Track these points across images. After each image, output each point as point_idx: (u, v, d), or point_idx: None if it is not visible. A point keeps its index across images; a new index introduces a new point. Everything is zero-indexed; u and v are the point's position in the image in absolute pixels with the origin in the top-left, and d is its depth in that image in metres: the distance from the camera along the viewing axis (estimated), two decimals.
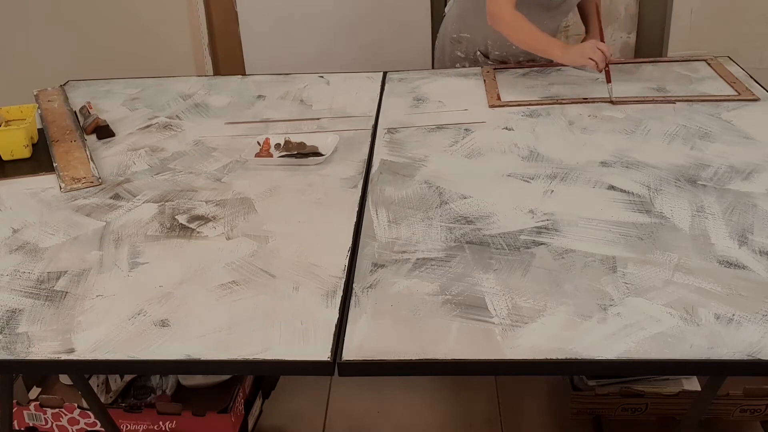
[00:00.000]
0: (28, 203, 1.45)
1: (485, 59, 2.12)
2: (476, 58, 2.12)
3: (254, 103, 1.91)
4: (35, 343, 1.05)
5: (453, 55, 2.15)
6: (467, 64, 2.14)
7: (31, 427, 1.84)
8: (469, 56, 2.13)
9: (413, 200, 1.38)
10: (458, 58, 2.14)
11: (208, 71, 3.25)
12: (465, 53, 2.13)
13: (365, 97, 1.92)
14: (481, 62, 2.12)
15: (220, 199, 1.42)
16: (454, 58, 2.15)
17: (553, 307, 1.06)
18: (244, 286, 1.15)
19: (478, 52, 2.11)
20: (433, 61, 2.28)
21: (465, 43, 2.12)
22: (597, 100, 1.78)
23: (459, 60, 2.15)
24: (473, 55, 2.12)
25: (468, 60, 2.13)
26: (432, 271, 1.16)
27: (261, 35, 3.20)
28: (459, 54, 2.14)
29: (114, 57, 3.12)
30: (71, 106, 1.93)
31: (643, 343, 0.99)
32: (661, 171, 1.44)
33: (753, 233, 1.22)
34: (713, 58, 2.05)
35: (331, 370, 0.99)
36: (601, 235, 1.23)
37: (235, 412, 1.76)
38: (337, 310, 1.08)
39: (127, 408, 1.76)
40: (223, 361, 1.01)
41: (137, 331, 1.06)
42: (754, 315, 1.03)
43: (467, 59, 2.14)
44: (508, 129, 1.67)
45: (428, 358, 0.99)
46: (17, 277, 1.20)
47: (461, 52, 2.13)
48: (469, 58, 2.13)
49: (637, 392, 1.72)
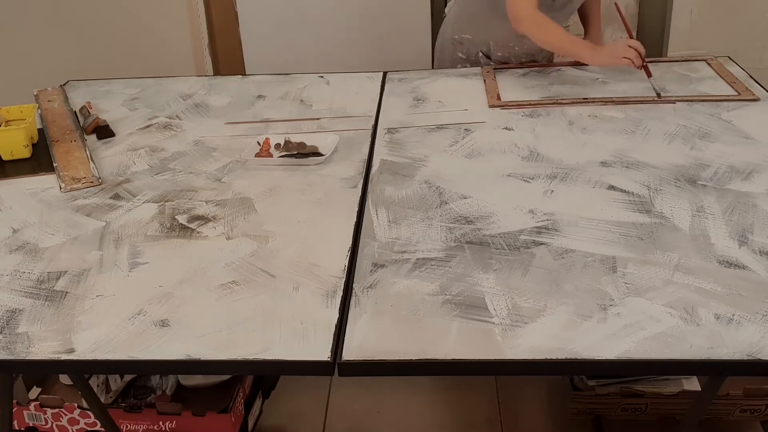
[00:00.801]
0: (28, 203, 1.45)
1: (487, 60, 2.11)
2: (478, 59, 2.11)
3: (254, 103, 1.91)
4: (35, 343, 1.05)
5: (454, 56, 2.14)
6: (469, 65, 2.12)
7: (31, 427, 1.84)
8: (470, 57, 2.12)
9: (413, 200, 1.38)
10: (459, 59, 2.13)
11: (208, 71, 3.25)
12: (466, 54, 2.12)
13: (365, 97, 1.92)
14: (483, 63, 2.11)
15: (220, 199, 1.42)
16: (456, 59, 2.14)
17: (553, 307, 1.06)
18: (244, 286, 1.15)
19: (480, 53, 2.11)
20: (433, 61, 2.27)
21: (466, 44, 2.11)
22: (597, 101, 1.78)
23: (460, 61, 2.13)
24: (475, 56, 2.12)
25: (470, 61, 2.12)
26: (432, 271, 1.16)
27: (261, 35, 3.20)
28: (460, 55, 2.13)
29: (114, 57, 3.12)
30: (71, 106, 1.93)
31: (643, 343, 0.99)
32: (661, 171, 1.44)
33: (753, 233, 1.22)
34: (713, 58, 2.05)
35: (331, 370, 0.99)
36: (601, 235, 1.23)
37: (235, 412, 1.76)
38: (337, 310, 1.08)
39: (127, 408, 1.76)
40: (223, 361, 1.01)
41: (137, 331, 1.06)
42: (754, 315, 1.03)
43: (469, 60, 2.12)
44: (508, 129, 1.67)
45: (428, 358, 0.99)
46: (17, 277, 1.20)
47: (462, 53, 2.12)
48: (470, 59, 2.12)
49: (637, 392, 1.72)
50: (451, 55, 2.14)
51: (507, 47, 2.07)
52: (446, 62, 2.17)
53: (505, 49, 2.08)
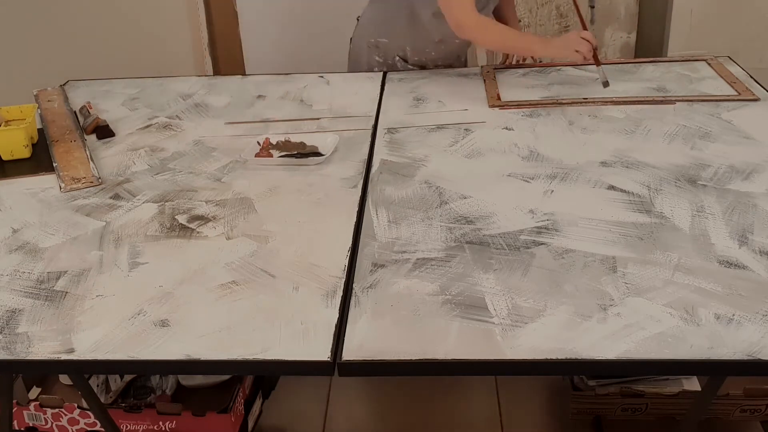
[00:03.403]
0: (28, 203, 1.45)
1: (405, 64, 2.09)
2: (395, 63, 2.09)
3: (254, 103, 1.91)
4: (35, 343, 1.05)
5: (370, 60, 2.11)
6: (385, 68, 2.10)
7: (31, 427, 1.84)
8: (387, 61, 2.10)
9: (413, 200, 1.38)
10: (376, 62, 2.11)
11: (208, 71, 3.25)
12: (383, 58, 2.10)
13: (365, 97, 1.92)
14: (400, 67, 2.09)
15: (220, 199, 1.42)
16: (372, 63, 2.11)
17: (553, 307, 1.06)
18: (244, 286, 1.15)
19: (397, 57, 2.08)
20: (349, 65, 2.22)
21: (383, 48, 2.08)
22: (597, 101, 1.78)
23: (377, 65, 2.11)
24: (392, 60, 2.09)
25: (386, 65, 2.10)
26: (432, 271, 1.16)
27: (261, 35, 3.20)
28: (377, 58, 2.10)
29: (114, 57, 3.11)
30: (71, 106, 1.93)
31: (643, 343, 0.99)
32: (661, 171, 1.44)
33: (753, 233, 1.22)
34: (713, 58, 2.05)
35: (331, 370, 0.99)
36: (601, 235, 1.23)
37: (235, 412, 1.76)
38: (337, 310, 1.08)
39: (127, 408, 1.76)
40: (223, 361, 1.01)
41: (137, 331, 1.06)
42: (754, 315, 1.03)
43: (386, 64, 2.10)
44: (508, 129, 1.67)
45: (428, 358, 0.99)
46: (17, 277, 1.20)
47: (379, 56, 2.10)
48: (387, 63, 2.10)
49: (637, 392, 1.72)
50: (367, 58, 2.11)
51: (423, 53, 2.07)
52: (362, 65, 2.13)
53: (422, 54, 2.07)
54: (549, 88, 1.90)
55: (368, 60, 2.12)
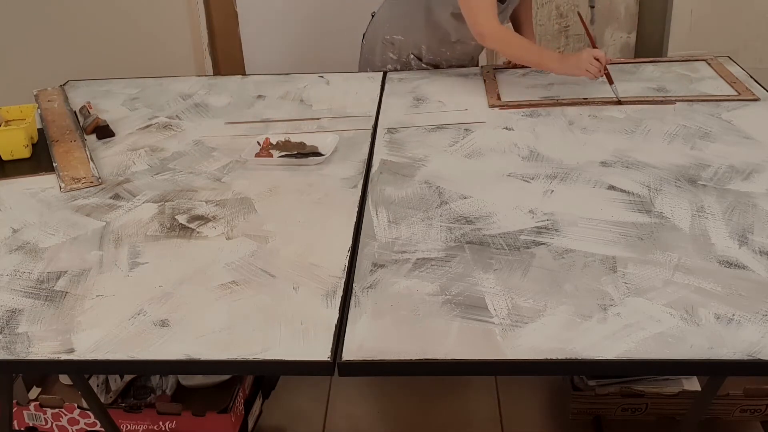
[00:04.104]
0: (28, 203, 1.45)
1: (419, 62, 2.10)
2: (409, 60, 2.10)
3: (254, 103, 1.91)
4: (35, 343, 1.05)
5: (384, 57, 2.12)
6: (399, 66, 2.11)
7: (31, 427, 1.84)
8: (401, 59, 2.10)
9: (413, 200, 1.38)
10: (390, 59, 2.11)
11: (208, 71, 3.24)
12: (397, 55, 2.10)
13: (365, 97, 1.92)
14: (413, 65, 2.10)
15: (220, 199, 1.42)
16: (386, 60, 2.12)
17: (553, 307, 1.06)
18: (244, 286, 1.15)
19: (411, 55, 2.09)
20: (360, 62, 2.22)
21: (398, 45, 2.09)
22: (597, 101, 1.78)
23: (390, 62, 2.11)
24: (406, 58, 2.10)
25: (400, 62, 2.11)
26: (432, 271, 1.16)
27: (261, 35, 3.20)
28: (391, 56, 2.11)
29: (114, 57, 3.11)
30: (71, 106, 1.93)
31: (643, 343, 0.99)
32: (661, 171, 1.44)
33: (753, 233, 1.22)
34: (713, 58, 2.05)
35: (331, 370, 0.99)
36: (601, 235, 1.23)
37: (235, 412, 1.76)
38: (337, 310, 1.08)
39: (127, 408, 1.76)
40: (223, 361, 1.01)
41: (137, 331, 1.06)
42: (754, 315, 1.03)
43: (399, 61, 2.11)
44: (508, 129, 1.67)
45: (428, 358, 0.99)
46: (17, 277, 1.20)
47: (394, 53, 2.10)
48: (401, 61, 2.11)
49: (637, 392, 1.72)
50: (380, 55, 2.12)
51: (439, 52, 2.07)
52: (375, 62, 2.14)
53: (437, 54, 2.08)
54: (549, 88, 1.90)
55: (382, 57, 2.13)
